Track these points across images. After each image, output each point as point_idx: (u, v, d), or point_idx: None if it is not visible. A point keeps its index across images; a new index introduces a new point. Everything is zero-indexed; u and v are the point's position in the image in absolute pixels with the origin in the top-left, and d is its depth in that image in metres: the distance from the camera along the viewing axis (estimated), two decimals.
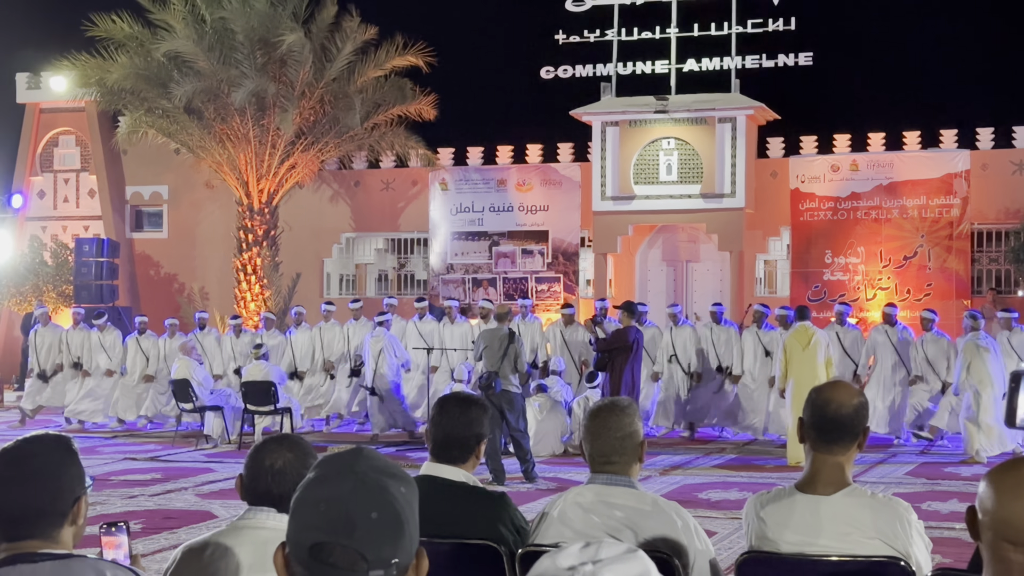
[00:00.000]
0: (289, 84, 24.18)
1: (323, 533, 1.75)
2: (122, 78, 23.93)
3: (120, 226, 28.15)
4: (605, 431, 3.95)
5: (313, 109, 24.82)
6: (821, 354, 14.64)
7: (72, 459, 2.84)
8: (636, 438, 3.96)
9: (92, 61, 24.25)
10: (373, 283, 27.37)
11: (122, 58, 23.96)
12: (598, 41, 23.90)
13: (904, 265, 23.15)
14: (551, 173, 25.92)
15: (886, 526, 3.74)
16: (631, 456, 3.96)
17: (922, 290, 22.48)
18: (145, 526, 10.15)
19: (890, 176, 23.50)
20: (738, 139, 23.29)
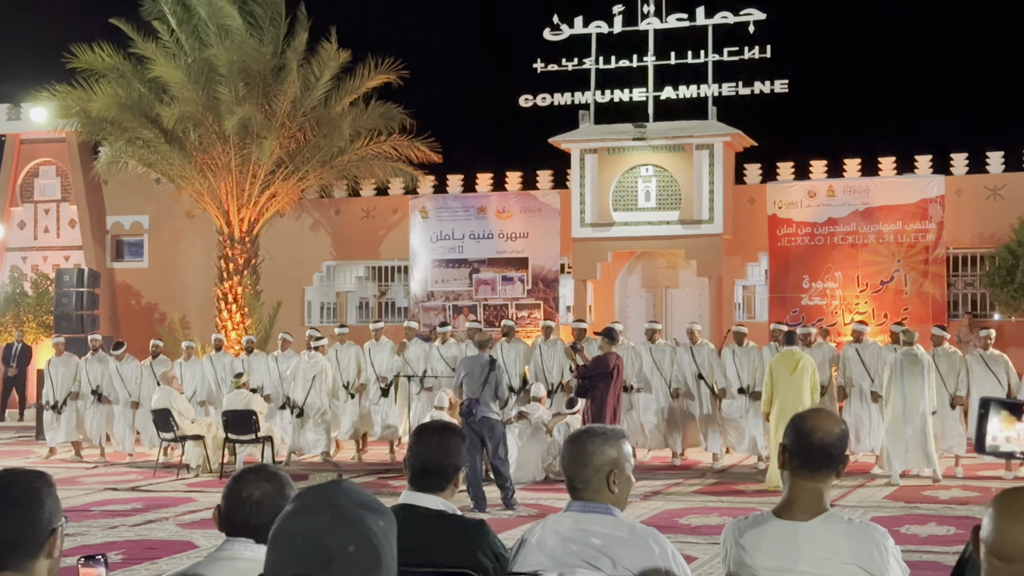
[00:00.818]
0: (270, 113, 24.05)
1: (301, 566, 1.76)
2: (103, 108, 23.76)
3: (101, 256, 28.07)
4: (582, 457, 3.93)
5: (293, 137, 24.62)
6: (807, 379, 14.40)
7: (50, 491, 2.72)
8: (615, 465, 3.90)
9: (73, 92, 24.18)
10: (354, 311, 27.22)
11: (103, 88, 23.79)
12: (576, 69, 23.77)
13: (881, 290, 23.14)
14: (530, 200, 25.82)
15: (863, 552, 3.70)
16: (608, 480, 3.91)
17: (899, 314, 21.92)
18: (126, 557, 10.01)
19: (866, 201, 23.45)
20: (715, 166, 23.12)
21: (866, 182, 23.70)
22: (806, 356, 14.79)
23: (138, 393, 18.45)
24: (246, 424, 15.96)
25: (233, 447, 16.35)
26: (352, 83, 24.56)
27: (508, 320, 21.01)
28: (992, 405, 2.19)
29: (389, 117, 24.80)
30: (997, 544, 2.35)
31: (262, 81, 23.72)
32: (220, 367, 18.62)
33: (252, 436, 16.08)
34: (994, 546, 2.35)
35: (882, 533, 3.75)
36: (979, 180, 23.57)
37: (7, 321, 25.33)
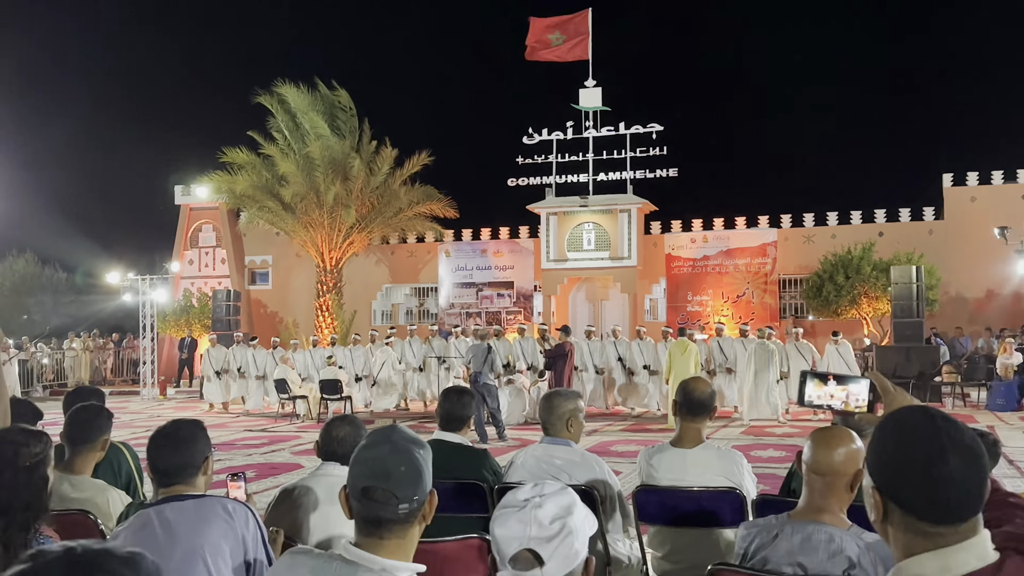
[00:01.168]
0: (349, 190, 25.08)
1: (369, 479, 1.94)
2: (243, 188, 25.35)
3: (241, 282, 28.95)
4: (551, 409, 4.14)
5: (364, 205, 25.60)
6: (692, 358, 15.11)
7: (202, 432, 2.96)
8: (572, 414, 4.13)
9: (224, 177, 25.69)
10: (403, 316, 28.06)
11: (243, 175, 25.35)
12: (544, 162, 24.99)
13: (737, 301, 24.98)
14: (515, 245, 27.42)
15: (727, 468, 3.96)
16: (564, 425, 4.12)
17: (748, 317, 23.64)
18: (257, 474, 10.25)
19: (727, 245, 25.35)
20: (632, 223, 24.36)
21: (727, 232, 25.53)
22: (691, 343, 15.69)
23: (264, 370, 19.03)
24: (334, 388, 16.63)
25: (326, 403, 16.84)
26: (401, 172, 25.78)
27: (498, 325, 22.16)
28: (808, 375, 2.29)
29: (426, 193, 26.12)
30: (812, 463, 2.70)
31: (343, 169, 25.03)
32: (316, 354, 19.02)
33: (338, 395, 16.65)
34: (811, 464, 2.70)
35: (739, 456, 4.09)
36: (798, 231, 25.48)
37: (182, 323, 26.20)
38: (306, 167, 25.25)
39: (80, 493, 3.49)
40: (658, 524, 4.04)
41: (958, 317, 23.54)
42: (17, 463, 2.50)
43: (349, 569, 1.92)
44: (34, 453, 2.56)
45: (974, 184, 24.51)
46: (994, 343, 20.82)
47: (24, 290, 37.17)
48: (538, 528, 1.75)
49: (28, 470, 2.52)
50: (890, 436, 1.62)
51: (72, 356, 27.17)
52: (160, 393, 23.42)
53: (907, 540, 1.57)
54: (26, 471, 2.51)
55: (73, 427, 3.67)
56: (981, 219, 23.35)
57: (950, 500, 1.53)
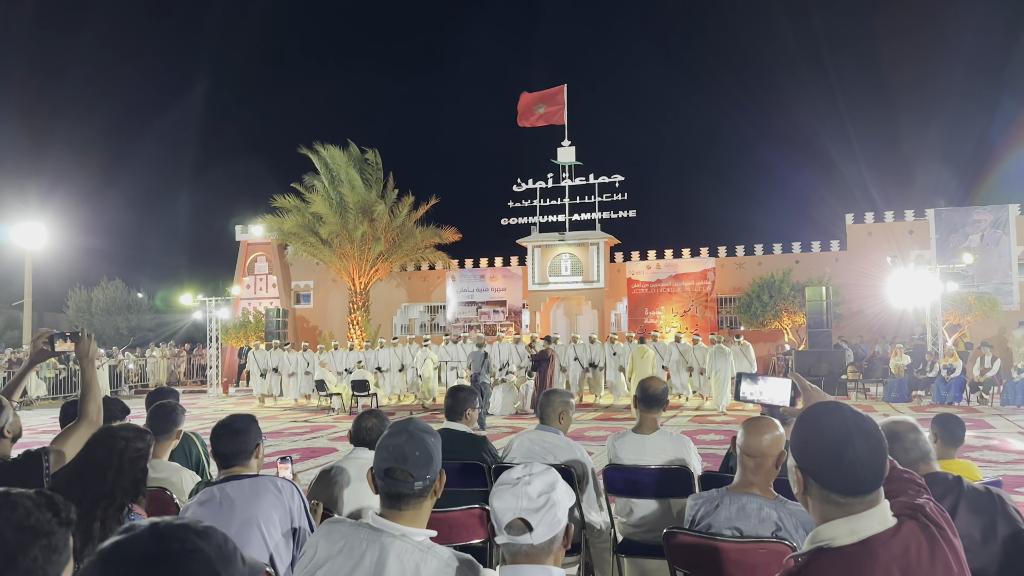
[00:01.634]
0: (375, 229, 24.85)
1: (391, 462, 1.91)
2: (290, 227, 25.27)
3: (288, 302, 28.97)
4: (548, 403, 4.12)
5: (388, 241, 25.29)
6: (649, 361, 15.15)
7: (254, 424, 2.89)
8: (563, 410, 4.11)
9: (274, 219, 25.67)
10: (418, 329, 27.66)
11: (290, 217, 25.27)
12: (530, 205, 24.99)
13: (684, 315, 25.01)
14: (507, 271, 27.36)
15: (678, 450, 3.89)
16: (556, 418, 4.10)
17: (694, 328, 23.61)
18: (301, 457, 10.02)
19: (676, 270, 25.48)
20: (600, 254, 24.51)
21: (675, 261, 25.62)
22: (649, 348, 15.66)
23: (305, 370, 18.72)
24: (363, 387, 16.33)
25: (356, 399, 16.49)
26: (416, 214, 25.48)
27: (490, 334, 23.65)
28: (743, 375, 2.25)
29: (435, 232, 25.76)
30: (744, 446, 2.64)
31: (370, 212, 24.74)
32: (348, 358, 18.82)
33: (366, 393, 16.31)
34: (743, 448, 2.64)
35: (687, 440, 4.01)
36: (732, 259, 25.41)
37: (241, 335, 25.80)
38: (340, 210, 25.08)
39: (159, 473, 3.49)
40: (623, 496, 3.99)
41: (859, 327, 23.63)
42: (125, 455, 2.52)
43: (375, 534, 1.91)
44: (138, 448, 2.58)
45: (871, 221, 24.63)
46: (888, 348, 20.82)
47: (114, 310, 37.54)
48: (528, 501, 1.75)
49: (133, 462, 2.54)
50: (809, 425, 1.64)
51: (153, 362, 27.02)
52: (223, 392, 23.29)
53: (823, 509, 1.59)
54: (131, 462, 2.53)
55: (154, 420, 3.70)
56: (876, 250, 23.59)
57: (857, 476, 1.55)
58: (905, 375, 17.22)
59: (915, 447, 2.54)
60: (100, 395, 3.04)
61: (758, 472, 2.65)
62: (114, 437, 2.56)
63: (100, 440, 2.57)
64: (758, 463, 2.64)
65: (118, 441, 2.54)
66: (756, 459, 2.63)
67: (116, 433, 2.59)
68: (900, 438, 2.52)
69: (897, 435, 2.50)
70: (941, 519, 1.60)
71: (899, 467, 1.85)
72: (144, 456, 2.59)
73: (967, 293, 21.38)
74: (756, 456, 2.63)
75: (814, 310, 19.06)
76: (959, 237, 23.24)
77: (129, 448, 2.54)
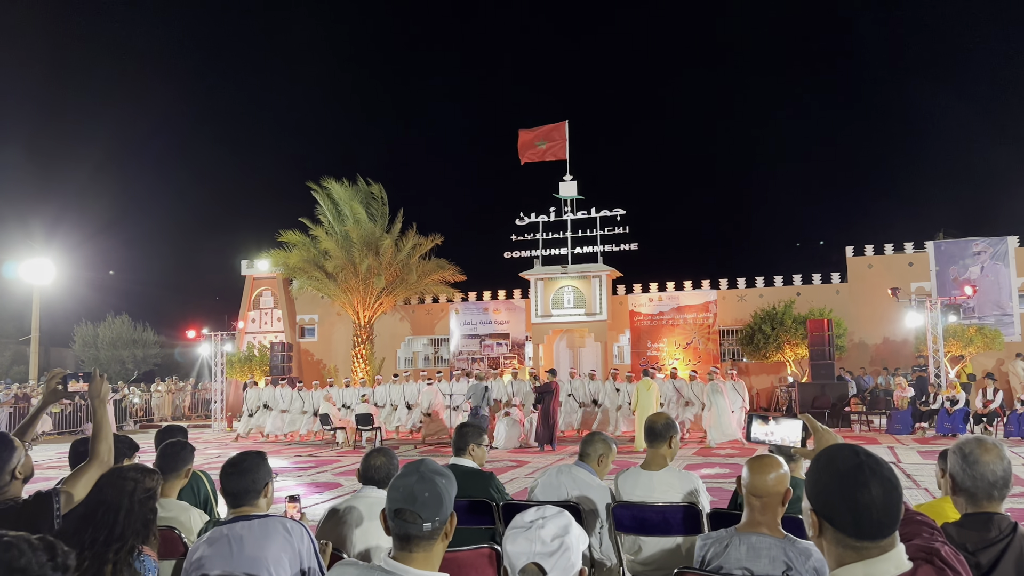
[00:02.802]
0: (380, 263, 24.73)
1: (401, 503, 1.91)
2: (295, 262, 25.30)
3: (293, 336, 28.99)
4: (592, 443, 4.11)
5: (392, 275, 25.22)
6: (654, 395, 14.94)
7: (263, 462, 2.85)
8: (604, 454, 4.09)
9: (280, 253, 25.66)
10: (422, 362, 27.94)
11: (295, 252, 25.29)
12: (533, 239, 24.68)
13: (686, 347, 24.86)
14: (511, 304, 27.32)
15: (686, 486, 3.86)
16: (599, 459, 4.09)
17: (696, 360, 23.75)
18: (306, 492, 9.98)
19: (678, 303, 25.38)
20: (602, 286, 24.11)
21: (677, 294, 25.50)
22: (654, 382, 15.45)
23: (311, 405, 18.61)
24: (368, 420, 16.38)
25: (361, 433, 16.47)
26: (420, 248, 25.44)
27: (494, 367, 24.17)
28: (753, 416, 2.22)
29: (439, 265, 25.82)
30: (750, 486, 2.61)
31: (376, 246, 24.71)
32: (352, 393, 18.62)
33: (370, 427, 16.32)
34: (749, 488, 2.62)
35: (695, 477, 3.97)
36: (734, 292, 25.27)
37: (246, 369, 25.62)
38: (345, 245, 25.10)
39: (168, 512, 3.46)
40: (631, 533, 3.93)
41: (861, 359, 23.59)
42: (135, 496, 2.52)
43: None
44: (147, 488, 2.57)
45: (871, 254, 24.58)
46: (890, 380, 20.69)
47: (120, 344, 37.71)
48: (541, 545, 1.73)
49: (142, 502, 2.53)
50: (824, 468, 1.63)
51: (158, 396, 26.78)
52: (228, 426, 23.02)
53: (838, 552, 1.58)
54: (141, 503, 2.52)
55: (164, 459, 3.68)
56: (877, 282, 23.56)
57: (872, 521, 1.55)
58: (909, 407, 17.13)
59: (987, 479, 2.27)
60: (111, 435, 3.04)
61: (765, 512, 2.63)
62: (123, 478, 2.55)
63: (109, 481, 2.56)
64: (764, 503, 2.62)
65: (127, 482, 2.53)
66: (762, 499, 2.62)
67: (125, 474, 2.57)
68: (978, 465, 2.28)
69: (976, 461, 2.28)
70: (956, 563, 1.59)
71: (912, 509, 1.84)
72: (153, 496, 2.58)
73: (968, 325, 21.39)
74: (762, 496, 2.62)
75: (816, 342, 18.96)
76: (959, 269, 23.25)
77: (138, 489, 2.53)
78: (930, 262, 23.67)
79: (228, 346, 24.38)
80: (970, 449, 2.32)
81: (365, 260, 24.74)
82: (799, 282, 25.22)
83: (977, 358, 21.69)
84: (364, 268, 24.77)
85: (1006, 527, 2.21)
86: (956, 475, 2.30)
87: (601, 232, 24.49)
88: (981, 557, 2.10)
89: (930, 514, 1.91)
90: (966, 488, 2.27)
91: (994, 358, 22.06)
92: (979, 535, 2.15)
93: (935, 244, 23.80)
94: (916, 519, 1.80)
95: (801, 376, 21.89)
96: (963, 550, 2.03)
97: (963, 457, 2.30)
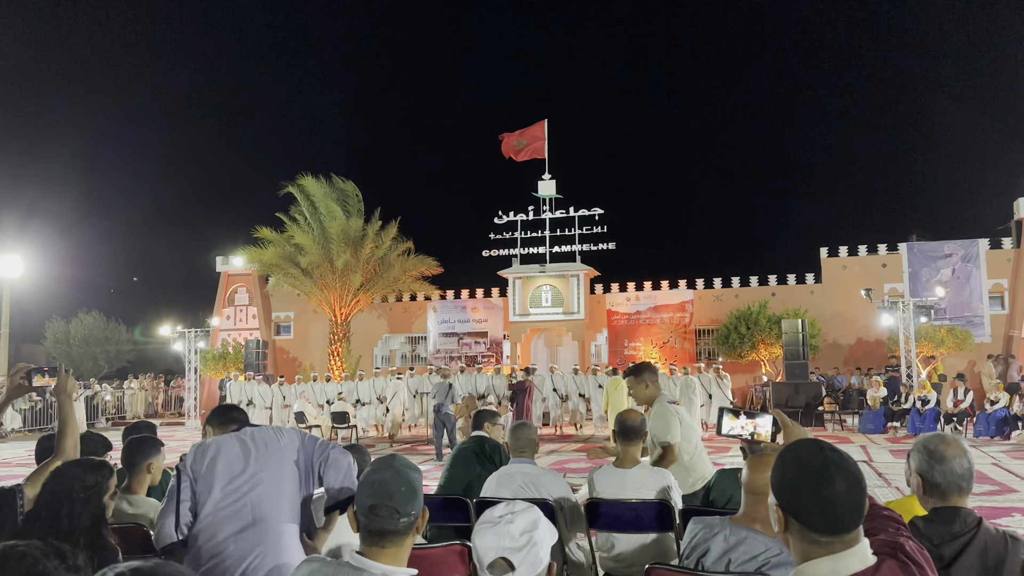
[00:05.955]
0: (357, 259, 24.63)
1: (375, 499, 1.90)
2: (271, 259, 25.17)
3: (268, 333, 28.71)
4: (520, 436, 4.13)
5: (369, 271, 25.16)
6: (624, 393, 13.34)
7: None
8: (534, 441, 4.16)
9: (255, 250, 25.56)
10: (399, 360, 27.79)
11: (271, 249, 25.15)
12: (511, 238, 25.03)
13: (663, 346, 25.04)
14: (489, 302, 27.32)
15: (659, 483, 3.86)
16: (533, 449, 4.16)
17: (672, 359, 23.33)
18: None
19: (654, 302, 25.57)
20: (580, 285, 24.40)
21: (654, 293, 25.69)
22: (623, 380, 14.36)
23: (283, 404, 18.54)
24: (343, 418, 16.39)
25: (336, 431, 16.44)
26: (401, 245, 25.47)
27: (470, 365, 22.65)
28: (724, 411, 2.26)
29: (419, 261, 25.72)
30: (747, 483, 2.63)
31: (353, 242, 24.53)
32: (328, 390, 18.50)
33: (346, 425, 16.38)
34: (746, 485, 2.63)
35: (667, 473, 3.99)
36: (710, 292, 25.51)
37: (220, 367, 25.45)
38: (321, 241, 24.99)
39: (136, 510, 3.43)
40: (604, 530, 3.95)
41: (835, 359, 23.76)
42: (74, 493, 2.47)
43: (356, 573, 1.87)
44: (88, 485, 2.52)
45: (845, 255, 24.79)
46: (864, 380, 20.88)
47: (92, 341, 36.97)
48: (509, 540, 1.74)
49: (84, 500, 2.48)
50: (789, 463, 1.64)
51: (130, 394, 26.42)
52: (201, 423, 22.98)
53: (804, 547, 1.59)
54: (82, 501, 2.48)
55: (126, 454, 3.64)
56: (851, 282, 23.71)
57: (837, 515, 1.56)
58: (881, 407, 17.32)
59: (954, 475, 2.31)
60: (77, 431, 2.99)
61: (759, 507, 2.65)
62: (62, 475, 2.51)
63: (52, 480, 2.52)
64: (759, 499, 2.65)
65: (65, 479, 2.49)
66: (757, 496, 2.64)
67: (64, 471, 2.53)
68: (944, 461, 2.31)
69: (942, 457, 2.32)
70: (920, 557, 1.60)
71: (880, 505, 1.85)
72: (99, 491, 2.52)
73: (939, 326, 21.63)
74: (757, 493, 2.64)
75: (790, 342, 19.10)
76: (931, 271, 23.57)
77: (77, 486, 2.47)
78: (903, 264, 23.96)
79: (202, 343, 24.26)
80: (935, 446, 2.36)
81: (342, 256, 24.60)
82: (774, 282, 25.39)
83: (948, 359, 21.98)
84: (341, 264, 24.66)
85: (971, 521, 2.24)
86: (924, 473, 2.33)
87: (579, 231, 24.66)
88: (944, 550, 2.12)
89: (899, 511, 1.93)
90: (936, 484, 2.30)
91: (965, 359, 22.35)
92: (945, 529, 2.16)
93: (908, 246, 24.09)
94: (883, 514, 1.81)
95: (775, 376, 21.99)
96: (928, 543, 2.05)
97: (929, 454, 2.34)
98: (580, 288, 24.73)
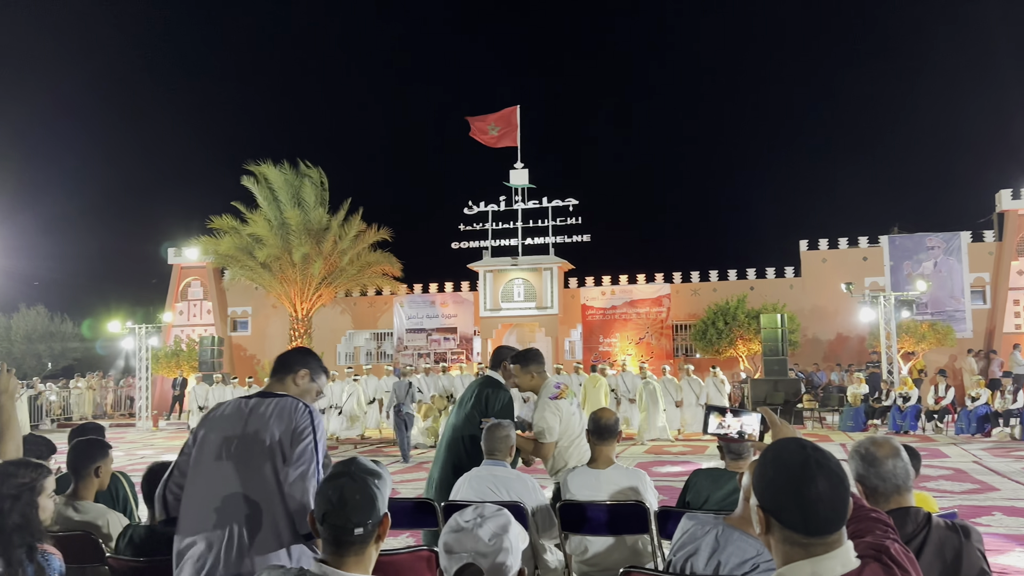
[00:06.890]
0: (319, 251, 24.66)
1: (329, 506, 1.89)
2: (227, 250, 25.05)
3: (224, 329, 28.48)
4: (493, 437, 4.06)
5: (332, 264, 25.15)
6: (603, 390, 15.20)
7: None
8: (510, 441, 4.08)
9: (210, 240, 25.37)
10: (364, 357, 27.70)
11: (227, 239, 24.95)
12: (481, 229, 25.04)
13: (639, 342, 25.08)
14: (458, 297, 27.21)
15: (633, 484, 3.88)
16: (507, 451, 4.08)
17: (649, 355, 23.79)
18: None
19: (631, 297, 25.57)
20: (554, 279, 24.52)
21: (630, 287, 25.71)
22: (602, 378, 15.77)
23: None
24: None
25: None
26: (366, 237, 25.43)
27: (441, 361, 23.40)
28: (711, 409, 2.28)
29: (384, 257, 25.81)
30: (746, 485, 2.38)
31: (315, 234, 24.67)
32: None
33: None
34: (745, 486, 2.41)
35: (643, 474, 4.01)
36: (687, 286, 25.71)
37: (173, 365, 25.55)
38: (281, 232, 24.89)
39: (83, 516, 3.38)
40: (577, 533, 3.97)
41: (814, 355, 24.02)
42: (2, 491, 2.49)
43: None
44: (20, 483, 2.53)
45: (825, 248, 25.15)
46: (844, 376, 21.17)
47: (36, 338, 36.37)
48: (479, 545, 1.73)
49: (14, 497, 2.49)
50: (770, 463, 1.64)
51: (77, 393, 26.06)
52: (153, 425, 22.67)
53: (785, 549, 1.60)
54: (12, 498, 2.49)
55: (71, 458, 3.59)
56: (831, 276, 23.96)
57: (820, 516, 1.56)
58: (862, 404, 17.59)
59: (892, 475, 2.40)
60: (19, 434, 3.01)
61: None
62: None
63: None
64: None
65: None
66: None
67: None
68: (878, 463, 2.40)
69: (875, 460, 2.40)
70: (905, 560, 1.61)
71: (867, 506, 1.86)
72: (31, 490, 2.52)
73: (921, 320, 21.95)
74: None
75: (769, 337, 19.30)
76: (913, 264, 23.98)
77: (7, 484, 2.48)
78: (884, 257, 24.36)
79: (154, 340, 24.04)
80: (866, 450, 2.43)
81: (301, 248, 24.49)
82: (753, 276, 25.65)
83: (929, 354, 22.41)
84: (299, 257, 24.53)
85: (921, 519, 2.29)
86: (862, 479, 2.38)
87: (553, 223, 24.69)
88: None
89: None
90: (874, 487, 2.36)
91: (946, 354, 22.85)
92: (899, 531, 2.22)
93: (890, 239, 24.51)
94: (870, 516, 1.82)
95: (754, 372, 22.22)
96: None
97: (862, 459, 2.41)
98: (554, 282, 24.77)
